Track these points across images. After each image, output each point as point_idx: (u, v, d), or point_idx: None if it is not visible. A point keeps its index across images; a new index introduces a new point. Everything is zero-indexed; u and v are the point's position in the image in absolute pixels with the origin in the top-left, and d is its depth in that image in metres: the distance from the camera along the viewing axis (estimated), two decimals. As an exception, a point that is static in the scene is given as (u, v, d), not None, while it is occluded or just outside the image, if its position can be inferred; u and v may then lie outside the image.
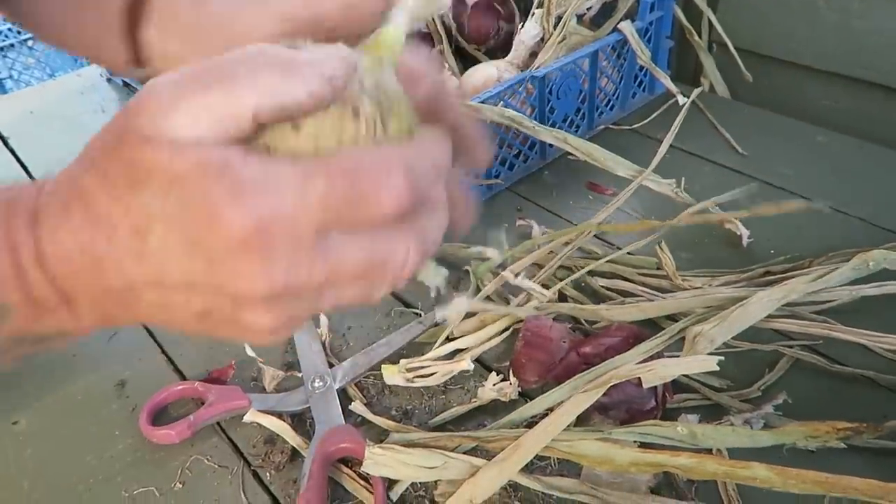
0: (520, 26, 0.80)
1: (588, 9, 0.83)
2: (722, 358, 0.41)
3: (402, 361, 0.53)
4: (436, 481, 0.45)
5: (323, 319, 0.58)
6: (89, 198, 0.25)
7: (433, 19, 0.90)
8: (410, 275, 0.27)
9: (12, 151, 0.95)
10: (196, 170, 0.24)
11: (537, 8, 0.78)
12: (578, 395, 0.43)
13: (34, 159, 0.93)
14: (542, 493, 0.44)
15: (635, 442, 0.43)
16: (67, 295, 0.26)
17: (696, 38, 0.89)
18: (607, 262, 0.60)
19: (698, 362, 0.42)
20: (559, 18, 0.77)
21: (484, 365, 0.55)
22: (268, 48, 0.25)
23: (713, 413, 0.49)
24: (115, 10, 0.39)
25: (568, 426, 0.44)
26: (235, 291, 0.24)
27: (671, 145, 0.74)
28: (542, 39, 0.78)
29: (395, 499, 0.45)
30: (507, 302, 0.58)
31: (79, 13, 0.43)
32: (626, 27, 0.77)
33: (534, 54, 0.79)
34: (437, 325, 0.57)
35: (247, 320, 0.26)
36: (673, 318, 0.54)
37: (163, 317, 0.27)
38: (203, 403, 0.52)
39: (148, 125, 0.24)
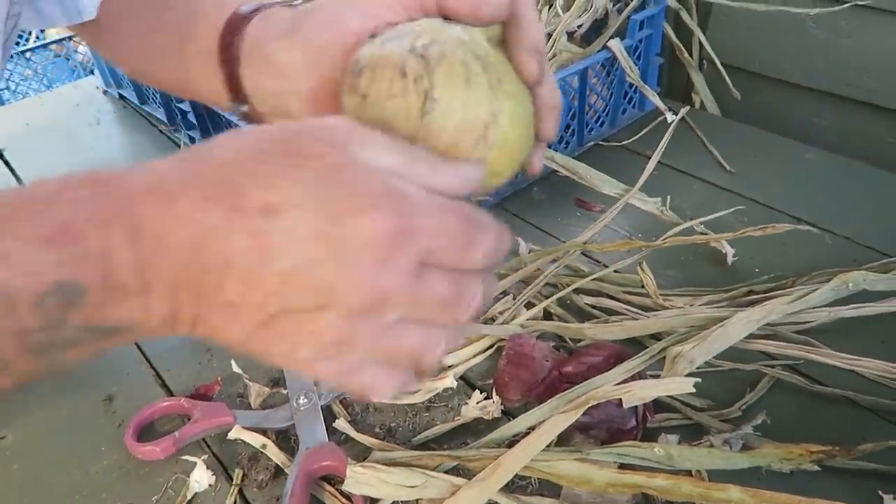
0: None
1: (578, 26, 0.84)
2: (699, 380, 0.42)
3: (387, 379, 0.54)
4: (417, 500, 0.45)
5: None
6: (222, 172, 0.26)
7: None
8: (467, 321, 0.29)
9: (7, 164, 0.96)
10: (359, 166, 0.26)
11: (527, 26, 0.79)
12: (557, 415, 0.43)
13: (30, 171, 0.93)
14: (522, 512, 0.44)
15: (615, 463, 0.44)
16: (147, 281, 0.25)
17: (686, 55, 0.90)
18: (593, 280, 0.61)
19: (676, 384, 0.42)
20: (549, 36, 0.78)
21: (468, 382, 0.55)
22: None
23: (694, 433, 0.49)
24: (209, 49, 0.40)
25: (549, 445, 0.45)
26: (337, 288, 0.25)
27: (661, 162, 0.74)
28: (532, 57, 0.78)
29: (376, 517, 0.46)
30: (493, 319, 0.59)
31: (173, 56, 0.44)
32: (615, 45, 0.78)
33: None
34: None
35: (317, 327, 0.26)
36: (656, 336, 0.54)
37: (227, 316, 0.26)
38: (189, 419, 0.52)
39: (326, 136, 0.26)
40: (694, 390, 0.41)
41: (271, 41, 0.37)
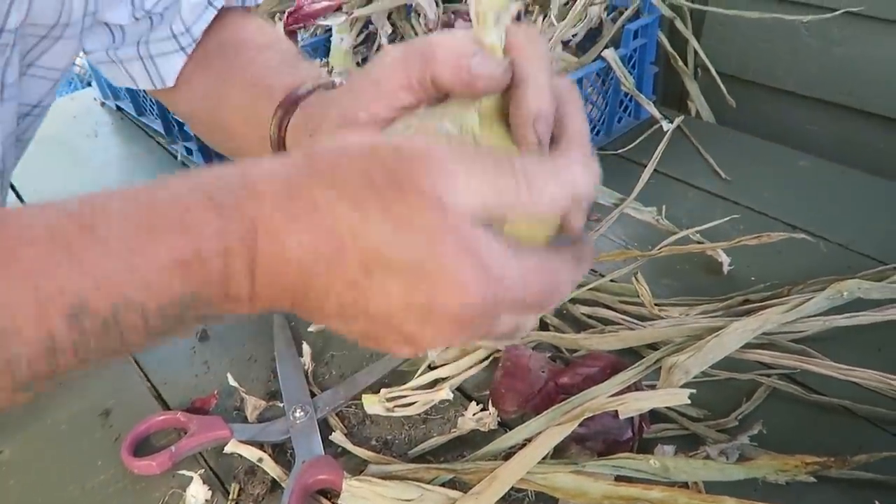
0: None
1: (573, 36, 0.84)
2: (693, 391, 0.42)
3: (383, 391, 0.54)
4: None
5: (306, 348, 0.59)
6: (327, 219, 0.27)
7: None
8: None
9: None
10: (459, 241, 0.26)
11: (522, 36, 0.79)
12: (553, 427, 0.43)
13: (27, 183, 0.93)
14: (519, 525, 0.44)
15: (611, 475, 0.44)
16: (257, 295, 0.28)
17: (681, 64, 0.90)
18: (589, 290, 0.61)
19: (670, 395, 0.42)
20: (544, 46, 0.78)
21: (464, 394, 0.55)
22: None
23: (690, 443, 0.49)
24: (267, 124, 0.43)
25: (545, 457, 0.45)
26: (418, 337, 0.28)
27: (656, 170, 0.75)
28: (527, 67, 0.79)
29: (372, 531, 0.46)
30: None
31: (239, 127, 0.48)
32: (610, 54, 0.79)
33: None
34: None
35: (400, 350, 0.29)
36: (653, 346, 0.54)
37: (330, 325, 0.30)
38: (185, 433, 0.52)
39: (428, 187, 0.26)
40: (689, 402, 0.42)
41: (304, 137, 0.41)
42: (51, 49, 0.46)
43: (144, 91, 0.56)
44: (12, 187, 0.93)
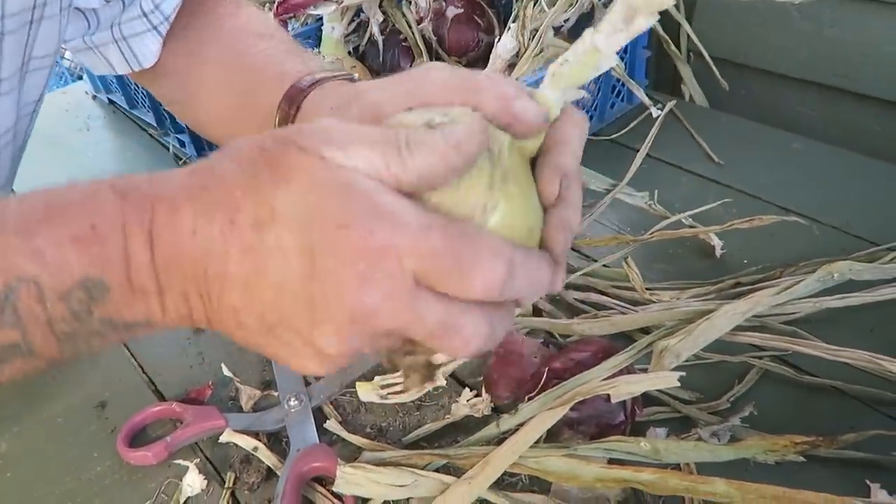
0: (496, 39, 0.81)
1: (565, 21, 0.84)
2: (684, 374, 0.42)
3: (377, 378, 0.54)
4: (407, 499, 0.46)
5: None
6: (221, 186, 0.27)
7: (412, 32, 0.90)
8: (466, 356, 0.29)
9: (-2, 171, 0.95)
10: (340, 182, 0.26)
11: (513, 22, 0.79)
12: (544, 412, 0.44)
13: (21, 176, 0.93)
14: (512, 509, 0.45)
15: (603, 458, 0.44)
16: (161, 284, 0.28)
17: (674, 48, 0.90)
18: (581, 275, 0.61)
19: (661, 378, 0.42)
20: (535, 31, 0.78)
21: (458, 380, 0.55)
22: (416, 130, 0.28)
23: (682, 425, 0.49)
24: (268, 116, 0.44)
25: (538, 442, 0.45)
26: (326, 303, 0.26)
27: (649, 155, 0.75)
28: (518, 53, 0.79)
29: (367, 517, 0.46)
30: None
31: (231, 117, 0.49)
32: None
33: (512, 66, 0.80)
34: (412, 341, 0.57)
35: (316, 340, 0.27)
36: (645, 330, 0.55)
37: (234, 321, 0.28)
38: (181, 424, 0.53)
39: (311, 145, 0.27)
40: (679, 384, 0.42)
41: (322, 116, 0.39)
42: (38, 34, 0.46)
43: (136, 84, 0.57)
44: (5, 182, 0.93)
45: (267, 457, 0.50)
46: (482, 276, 0.26)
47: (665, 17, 0.90)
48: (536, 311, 0.60)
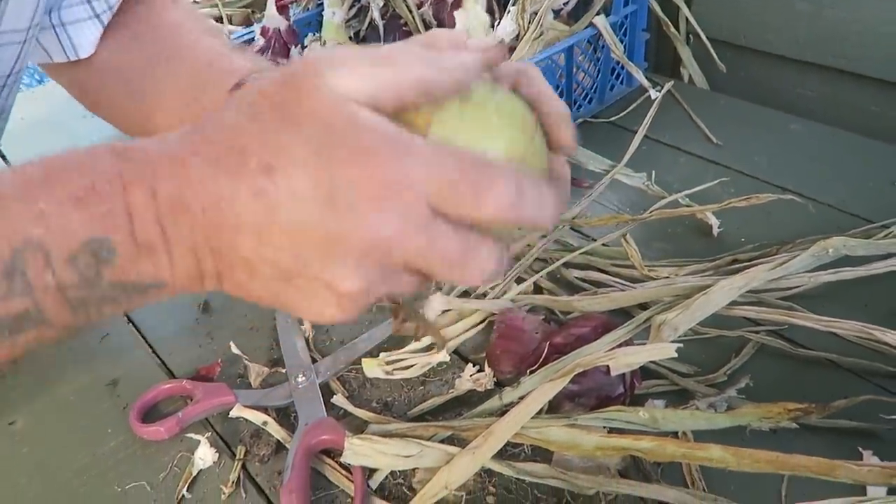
0: (496, 23, 0.81)
1: (565, 4, 0.84)
2: (681, 345, 0.43)
3: (382, 355, 0.55)
4: (413, 469, 0.47)
5: (306, 316, 0.60)
6: (226, 134, 0.27)
7: (413, 17, 0.91)
8: (481, 282, 0.30)
9: (4, 158, 0.97)
10: (347, 118, 0.26)
11: (513, 5, 0.79)
12: (546, 384, 0.45)
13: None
14: (515, 478, 0.46)
15: (604, 427, 0.45)
16: (168, 238, 0.27)
17: (673, 29, 0.91)
18: (581, 254, 0.62)
19: (658, 350, 0.44)
20: (535, 14, 0.79)
21: (461, 356, 0.57)
22: (419, 50, 0.29)
23: (680, 398, 0.51)
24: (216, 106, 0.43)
25: (540, 413, 0.46)
26: (342, 237, 0.26)
27: (648, 136, 0.76)
28: (518, 36, 0.79)
29: (374, 487, 0.47)
30: (484, 295, 0.60)
31: (172, 115, 0.47)
32: (600, 22, 0.79)
33: (512, 49, 0.80)
34: (416, 319, 0.59)
35: (333, 278, 0.27)
36: (643, 306, 0.56)
37: (247, 272, 0.28)
38: (191, 400, 0.54)
39: (314, 77, 0.27)
40: (676, 355, 0.43)
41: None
42: (6, 9, 0.44)
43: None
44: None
45: (276, 431, 0.51)
46: (495, 196, 0.27)
47: (664, -1, 0.91)
48: (538, 289, 0.61)
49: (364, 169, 0.26)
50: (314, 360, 0.57)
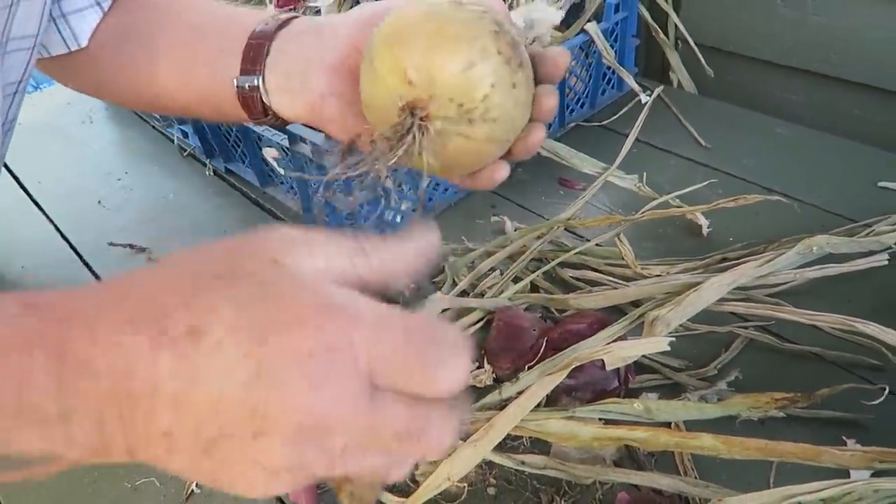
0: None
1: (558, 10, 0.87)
2: (673, 339, 0.45)
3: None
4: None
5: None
6: (151, 293, 0.24)
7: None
8: (436, 457, 0.27)
9: (5, 164, 0.97)
10: (288, 279, 0.24)
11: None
12: (544, 378, 0.47)
13: (25, 169, 0.95)
14: (515, 469, 0.48)
15: (600, 419, 0.47)
16: (69, 408, 0.24)
17: (662, 36, 0.93)
18: (576, 254, 0.64)
19: (651, 343, 0.45)
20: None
21: (461, 354, 0.58)
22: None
23: (672, 391, 0.53)
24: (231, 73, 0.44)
25: (538, 407, 0.48)
26: (270, 410, 0.23)
27: (639, 140, 0.78)
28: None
29: (379, 479, 0.49)
30: (482, 294, 0.62)
31: (196, 74, 0.47)
32: (592, 28, 0.81)
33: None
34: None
35: (260, 453, 0.24)
36: (636, 303, 0.58)
37: (165, 446, 0.24)
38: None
39: (261, 252, 0.25)
40: (669, 348, 0.45)
41: (301, 26, 0.43)
42: (17, 14, 0.44)
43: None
44: (14, 175, 0.95)
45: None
46: (448, 373, 0.24)
47: (653, 5, 0.93)
48: (534, 288, 0.63)
49: (297, 335, 0.23)
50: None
